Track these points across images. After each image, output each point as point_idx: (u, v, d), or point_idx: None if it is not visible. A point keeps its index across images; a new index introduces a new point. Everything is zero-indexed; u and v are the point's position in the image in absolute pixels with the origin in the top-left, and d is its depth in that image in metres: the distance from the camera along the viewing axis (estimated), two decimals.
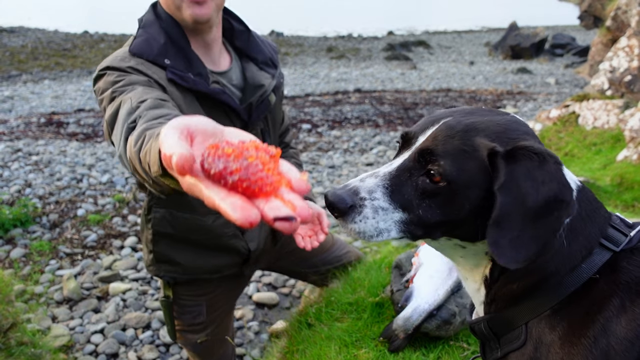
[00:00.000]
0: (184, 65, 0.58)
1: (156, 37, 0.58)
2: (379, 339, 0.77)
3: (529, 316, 0.37)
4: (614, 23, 3.53)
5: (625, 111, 2.33)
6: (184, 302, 0.73)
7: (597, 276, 0.35)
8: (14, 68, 6.37)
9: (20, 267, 1.66)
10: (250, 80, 0.65)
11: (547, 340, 0.36)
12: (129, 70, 0.56)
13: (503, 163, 0.33)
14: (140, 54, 0.57)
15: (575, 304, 0.35)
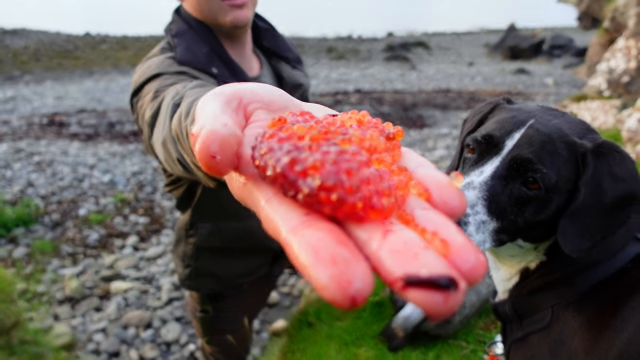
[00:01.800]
0: (228, 73, 0.53)
1: (198, 46, 0.52)
2: (378, 337, 0.78)
3: (557, 300, 0.36)
4: (612, 24, 3.54)
5: (623, 111, 2.34)
6: (223, 314, 0.70)
7: (629, 266, 0.35)
8: (17, 69, 6.38)
9: (23, 266, 1.67)
10: (288, 81, 0.60)
11: (574, 323, 0.35)
12: (181, 72, 0.48)
13: (592, 159, 0.33)
14: (188, 62, 0.49)
15: (605, 291, 0.35)
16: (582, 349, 0.34)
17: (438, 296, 0.10)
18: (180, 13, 0.58)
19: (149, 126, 0.43)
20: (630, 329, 0.33)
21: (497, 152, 0.35)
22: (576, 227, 0.33)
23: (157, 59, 0.53)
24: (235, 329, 0.75)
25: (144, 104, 0.46)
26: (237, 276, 0.69)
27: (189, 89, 0.35)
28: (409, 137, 3.56)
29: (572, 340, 0.35)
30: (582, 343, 0.34)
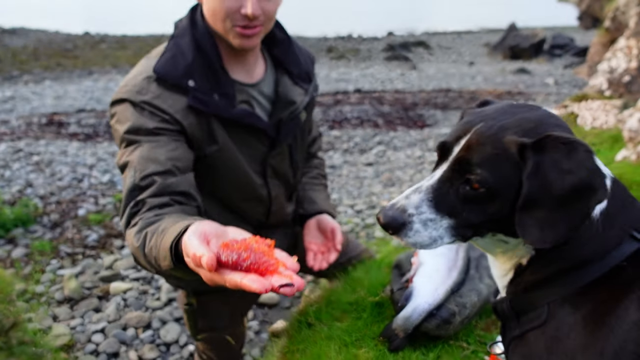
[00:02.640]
0: (209, 84, 0.54)
1: (185, 52, 0.53)
2: (378, 338, 0.77)
3: (553, 297, 0.38)
4: (613, 24, 3.54)
5: (624, 111, 2.33)
6: (207, 309, 0.72)
7: (624, 264, 0.36)
8: (15, 68, 6.37)
9: (22, 266, 1.66)
10: (282, 95, 0.61)
11: (570, 320, 0.36)
12: (144, 108, 0.52)
13: (531, 153, 0.35)
14: (164, 75, 0.52)
15: (601, 288, 0.36)
16: (578, 347, 0.35)
17: (289, 289, 0.33)
18: (195, 12, 0.57)
19: (119, 168, 0.55)
20: (625, 327, 0.33)
21: (448, 157, 0.39)
22: (532, 219, 0.35)
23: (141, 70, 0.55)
24: (223, 326, 0.74)
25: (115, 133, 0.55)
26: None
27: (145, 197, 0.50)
28: (409, 137, 3.55)
29: (567, 337, 0.36)
30: (578, 340, 0.35)
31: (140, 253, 0.46)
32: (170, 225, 0.44)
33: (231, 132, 0.58)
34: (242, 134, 0.58)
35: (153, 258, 0.44)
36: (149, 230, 0.46)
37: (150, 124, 0.53)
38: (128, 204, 0.51)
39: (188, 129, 0.55)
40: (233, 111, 0.56)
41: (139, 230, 0.48)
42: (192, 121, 0.55)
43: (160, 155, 0.52)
